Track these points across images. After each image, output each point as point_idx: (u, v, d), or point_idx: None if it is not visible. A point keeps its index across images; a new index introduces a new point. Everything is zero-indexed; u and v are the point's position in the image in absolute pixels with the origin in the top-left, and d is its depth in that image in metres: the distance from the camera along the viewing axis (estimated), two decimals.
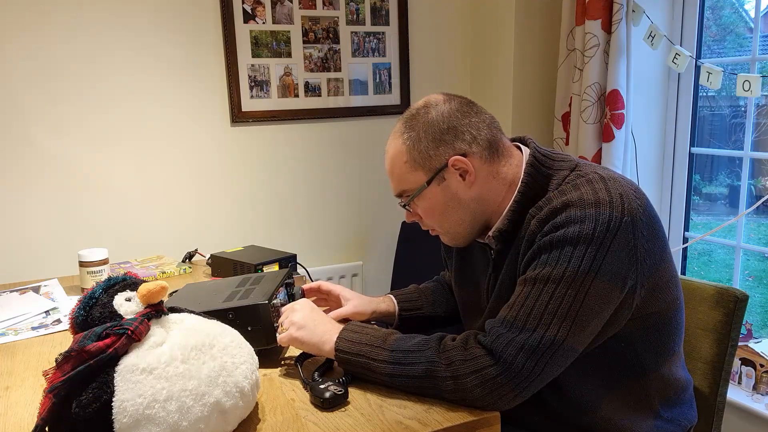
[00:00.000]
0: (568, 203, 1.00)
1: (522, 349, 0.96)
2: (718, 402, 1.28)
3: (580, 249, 0.97)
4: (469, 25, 2.66)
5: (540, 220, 1.03)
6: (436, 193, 1.11)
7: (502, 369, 0.96)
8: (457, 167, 1.08)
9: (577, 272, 0.96)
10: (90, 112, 2.13)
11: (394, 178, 1.15)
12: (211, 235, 2.34)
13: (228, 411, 0.90)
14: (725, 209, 2.73)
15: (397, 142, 1.13)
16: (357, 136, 2.54)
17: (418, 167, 1.10)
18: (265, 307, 1.15)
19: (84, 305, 0.92)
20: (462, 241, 1.19)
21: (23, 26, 2.00)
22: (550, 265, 0.98)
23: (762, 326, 2.40)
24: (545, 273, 0.98)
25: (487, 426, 0.97)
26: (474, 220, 1.13)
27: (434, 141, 1.09)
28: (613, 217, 0.98)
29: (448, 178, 1.10)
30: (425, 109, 1.11)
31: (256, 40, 2.30)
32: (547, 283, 0.98)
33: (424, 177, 1.10)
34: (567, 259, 0.97)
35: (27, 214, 2.09)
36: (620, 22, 2.06)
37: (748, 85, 1.88)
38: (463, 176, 1.09)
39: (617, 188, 1.01)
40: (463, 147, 1.08)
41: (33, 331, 1.40)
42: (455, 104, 1.11)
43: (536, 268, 1.00)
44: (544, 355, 0.96)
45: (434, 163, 1.09)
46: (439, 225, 1.16)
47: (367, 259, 2.64)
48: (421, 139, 1.09)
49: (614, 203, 0.99)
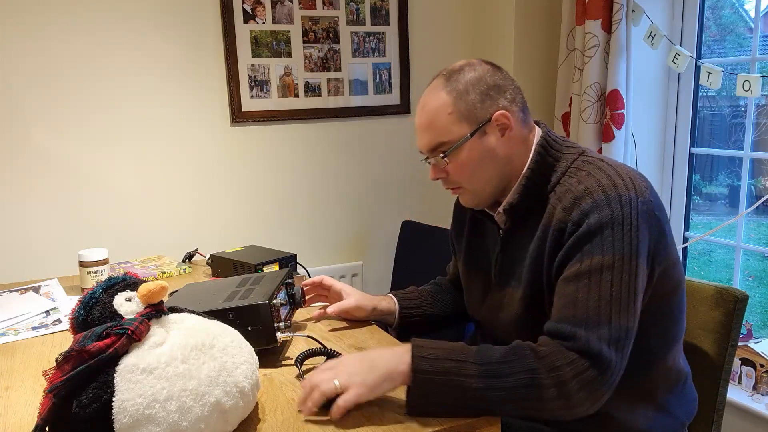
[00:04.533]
0: (589, 189, 1.04)
1: (609, 343, 0.97)
2: (718, 402, 1.27)
3: (617, 231, 1.00)
4: (469, 25, 2.66)
5: (565, 208, 1.06)
6: (475, 147, 1.12)
7: (600, 368, 0.95)
8: (500, 122, 1.12)
9: (623, 255, 0.99)
10: (90, 112, 2.13)
11: (433, 131, 1.14)
12: (211, 235, 2.34)
13: (228, 411, 0.90)
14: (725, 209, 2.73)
15: (440, 95, 1.14)
16: (357, 136, 2.54)
17: (462, 119, 1.12)
18: (265, 307, 1.15)
19: (84, 305, 0.92)
20: (482, 201, 1.19)
21: (23, 26, 2.00)
22: (598, 254, 1.00)
23: (762, 326, 2.40)
24: (596, 263, 1.00)
25: (487, 426, 0.97)
26: (499, 182, 1.16)
27: (480, 95, 1.11)
28: (631, 198, 1.02)
29: (489, 132, 1.12)
30: (469, 66, 1.15)
31: (256, 40, 2.30)
32: (602, 273, 0.99)
33: (467, 129, 1.12)
34: (610, 243, 1.00)
35: (27, 214, 2.09)
36: (620, 22, 2.06)
37: (748, 85, 1.88)
38: (502, 132, 1.12)
39: (626, 172, 1.06)
40: (505, 104, 1.12)
41: (33, 331, 1.40)
42: (493, 67, 1.16)
43: (583, 259, 1.01)
44: (624, 343, 0.98)
45: (479, 116, 1.12)
46: (467, 181, 1.16)
47: (367, 259, 2.64)
48: (469, 92, 1.12)
49: (628, 186, 1.03)
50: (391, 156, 2.61)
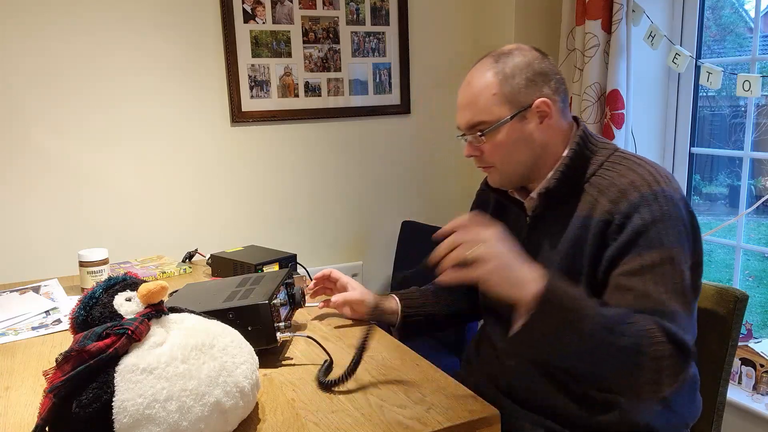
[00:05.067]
0: (634, 182, 1.07)
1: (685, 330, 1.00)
2: (718, 402, 1.28)
3: (669, 224, 1.03)
4: (469, 25, 2.66)
5: (611, 200, 1.08)
6: (513, 130, 1.14)
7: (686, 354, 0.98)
8: (540, 109, 1.13)
9: (676, 248, 1.03)
10: (90, 112, 2.13)
11: (474, 109, 1.16)
12: (211, 235, 2.34)
13: (228, 411, 0.90)
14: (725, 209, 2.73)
15: (487, 74, 1.15)
16: (357, 136, 2.54)
17: (505, 101, 1.13)
18: (266, 307, 1.15)
19: (84, 305, 0.92)
20: (512, 182, 1.21)
21: (23, 26, 2.00)
22: (657, 247, 1.02)
23: (762, 326, 2.40)
24: (656, 257, 1.02)
25: (488, 425, 0.97)
26: (531, 166, 1.17)
27: (526, 80, 1.13)
28: (673, 194, 1.06)
29: (529, 117, 1.14)
30: (519, 50, 1.16)
31: (256, 40, 2.30)
32: (664, 265, 1.02)
33: (507, 112, 1.13)
34: (665, 238, 1.03)
35: (27, 214, 2.09)
36: (620, 22, 2.06)
37: (748, 85, 1.88)
38: (541, 119, 1.14)
39: (660, 169, 1.10)
40: (548, 92, 1.14)
41: (33, 331, 1.40)
42: (542, 54, 1.18)
43: (642, 254, 1.03)
44: (694, 327, 1.03)
45: (521, 101, 1.13)
46: (501, 161, 1.17)
47: (367, 259, 2.64)
48: (515, 76, 1.13)
49: (668, 182, 1.07)
50: (391, 156, 2.61)
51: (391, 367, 1.15)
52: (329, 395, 1.05)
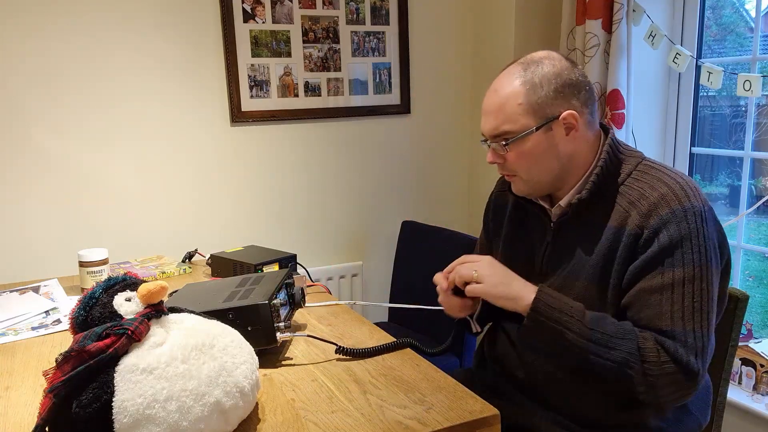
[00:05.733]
0: (665, 196, 1.07)
1: (696, 353, 1.03)
2: (718, 402, 1.28)
3: (695, 244, 1.04)
4: (469, 25, 2.66)
5: (642, 214, 1.08)
6: (539, 141, 1.13)
7: (691, 377, 1.02)
8: (567, 122, 1.12)
9: (701, 267, 1.04)
10: (90, 112, 2.12)
11: (500, 117, 1.14)
12: (211, 235, 2.34)
13: (228, 411, 0.90)
14: (726, 209, 2.73)
15: (514, 83, 1.13)
16: (357, 136, 2.54)
17: (530, 112, 1.12)
18: (265, 307, 1.15)
19: (84, 305, 0.92)
20: (535, 191, 1.20)
21: (23, 26, 2.00)
22: (679, 267, 1.04)
23: (762, 326, 2.40)
24: (678, 276, 1.04)
25: (488, 426, 0.97)
26: (557, 175, 1.16)
27: (554, 91, 1.11)
28: (702, 209, 1.07)
29: (555, 129, 1.13)
30: (549, 60, 1.14)
31: (256, 39, 2.30)
32: (684, 285, 1.04)
33: (533, 122, 1.12)
34: (690, 257, 1.04)
35: (27, 214, 2.09)
36: (621, 21, 2.06)
37: (749, 85, 1.88)
38: (567, 131, 1.13)
39: (691, 182, 1.10)
40: (576, 104, 1.13)
41: (33, 331, 1.40)
42: (572, 64, 1.16)
43: (665, 272, 1.05)
44: (707, 350, 1.05)
45: (548, 112, 1.12)
46: (525, 170, 1.16)
47: (367, 259, 2.64)
48: (543, 86, 1.11)
49: (697, 196, 1.08)
50: (391, 156, 2.61)
51: (391, 367, 1.15)
52: (329, 395, 1.05)
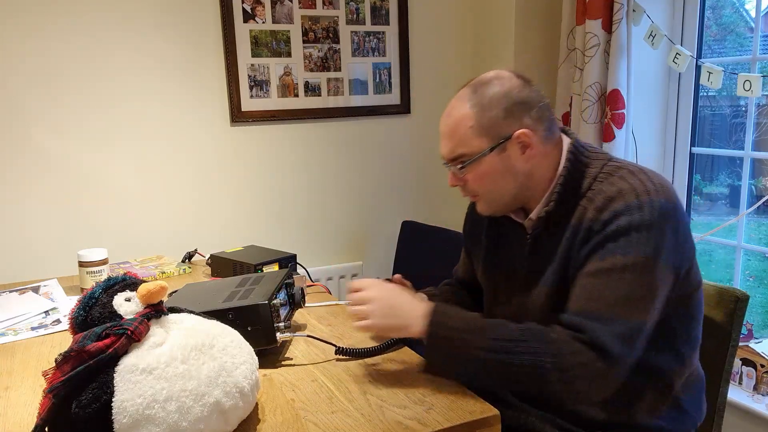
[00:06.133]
0: (622, 191, 1.06)
1: (620, 339, 1.00)
2: (718, 402, 1.27)
3: (643, 235, 1.02)
4: (469, 25, 2.65)
5: (597, 208, 1.07)
6: (493, 162, 1.13)
7: (609, 362, 0.99)
8: (521, 140, 1.11)
9: (646, 257, 1.01)
10: (90, 112, 2.12)
11: (453, 141, 1.14)
12: (210, 235, 2.34)
13: (228, 411, 0.90)
14: (726, 209, 2.73)
15: (464, 106, 1.13)
16: (357, 136, 2.54)
17: (482, 134, 1.12)
18: (265, 307, 1.15)
19: (83, 305, 0.92)
20: (500, 210, 1.20)
21: (23, 26, 2.00)
22: (621, 254, 1.02)
23: (763, 326, 2.39)
24: (618, 262, 1.02)
25: (488, 426, 0.97)
26: (518, 193, 1.16)
27: (504, 111, 1.11)
28: (662, 203, 1.04)
29: (509, 149, 1.12)
30: (498, 80, 1.13)
31: (256, 39, 2.29)
32: (624, 272, 1.02)
33: (486, 144, 1.12)
34: (635, 245, 1.02)
35: (27, 214, 2.09)
36: (621, 21, 2.06)
37: (749, 85, 1.87)
38: (523, 150, 1.12)
39: (656, 177, 1.08)
40: (529, 122, 1.12)
41: (32, 331, 1.40)
42: (524, 82, 1.15)
43: (605, 257, 1.04)
44: (636, 340, 1.01)
45: (500, 133, 1.11)
46: (485, 191, 1.17)
47: (367, 259, 2.63)
48: (492, 107, 1.11)
49: (659, 191, 1.05)
50: (391, 156, 2.61)
51: (391, 367, 1.15)
52: (329, 395, 1.05)
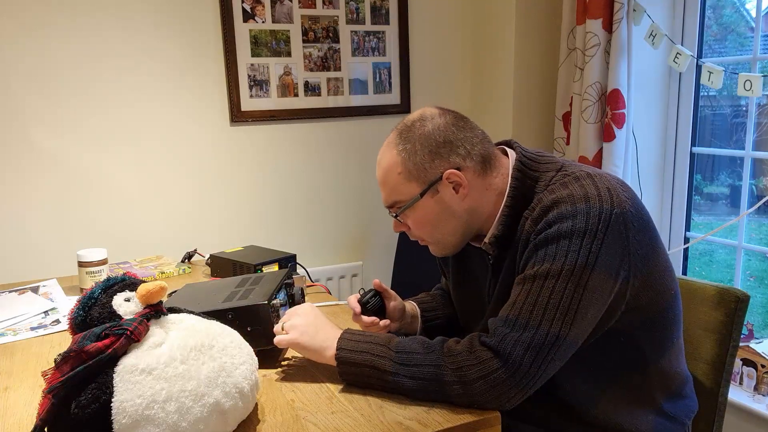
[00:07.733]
0: (558, 200, 1.02)
1: (528, 347, 0.96)
2: (719, 402, 1.27)
3: (575, 242, 0.98)
4: (469, 25, 2.65)
5: (533, 219, 1.05)
6: (428, 205, 1.12)
7: (511, 371, 0.96)
8: (451, 180, 1.09)
9: (575, 266, 0.97)
10: (89, 113, 2.12)
11: (387, 189, 1.15)
12: (210, 235, 2.33)
13: (227, 412, 0.90)
14: (726, 209, 2.72)
15: (391, 153, 1.12)
16: (357, 136, 2.53)
17: (412, 179, 1.11)
18: (265, 307, 1.14)
19: (83, 305, 0.92)
20: (451, 250, 1.19)
21: (23, 26, 2.00)
22: (548, 261, 0.99)
23: (763, 326, 2.39)
24: (543, 269, 0.99)
25: (488, 427, 0.97)
26: (465, 231, 1.15)
27: (430, 153, 1.09)
28: (603, 209, 0.99)
29: (442, 191, 1.10)
30: (421, 122, 1.11)
31: (256, 39, 2.29)
32: (546, 279, 0.98)
33: (417, 189, 1.11)
34: (564, 253, 0.98)
35: (26, 214, 2.09)
36: (621, 21, 2.05)
37: (750, 85, 1.87)
38: (456, 189, 1.10)
39: (604, 183, 1.03)
40: (457, 161, 1.09)
41: (32, 331, 1.40)
42: (450, 118, 1.12)
43: (534, 265, 1.01)
44: (549, 351, 0.97)
45: (429, 176, 1.10)
46: (429, 235, 1.16)
47: (367, 259, 2.63)
48: (417, 152, 1.10)
49: (603, 197, 1.00)
50: None
51: None
52: (329, 396, 1.05)
